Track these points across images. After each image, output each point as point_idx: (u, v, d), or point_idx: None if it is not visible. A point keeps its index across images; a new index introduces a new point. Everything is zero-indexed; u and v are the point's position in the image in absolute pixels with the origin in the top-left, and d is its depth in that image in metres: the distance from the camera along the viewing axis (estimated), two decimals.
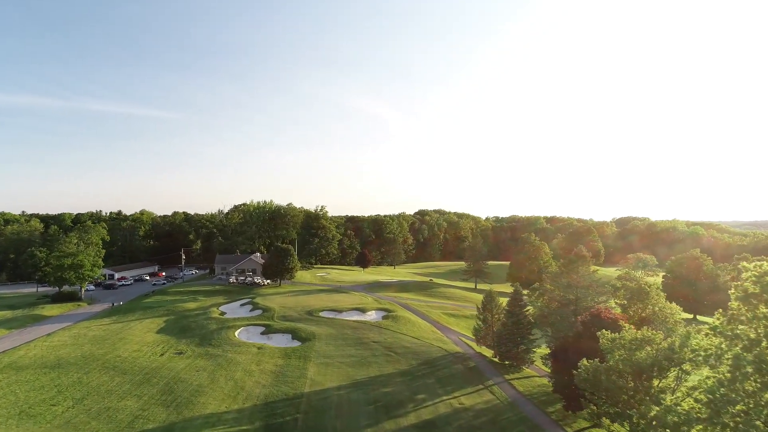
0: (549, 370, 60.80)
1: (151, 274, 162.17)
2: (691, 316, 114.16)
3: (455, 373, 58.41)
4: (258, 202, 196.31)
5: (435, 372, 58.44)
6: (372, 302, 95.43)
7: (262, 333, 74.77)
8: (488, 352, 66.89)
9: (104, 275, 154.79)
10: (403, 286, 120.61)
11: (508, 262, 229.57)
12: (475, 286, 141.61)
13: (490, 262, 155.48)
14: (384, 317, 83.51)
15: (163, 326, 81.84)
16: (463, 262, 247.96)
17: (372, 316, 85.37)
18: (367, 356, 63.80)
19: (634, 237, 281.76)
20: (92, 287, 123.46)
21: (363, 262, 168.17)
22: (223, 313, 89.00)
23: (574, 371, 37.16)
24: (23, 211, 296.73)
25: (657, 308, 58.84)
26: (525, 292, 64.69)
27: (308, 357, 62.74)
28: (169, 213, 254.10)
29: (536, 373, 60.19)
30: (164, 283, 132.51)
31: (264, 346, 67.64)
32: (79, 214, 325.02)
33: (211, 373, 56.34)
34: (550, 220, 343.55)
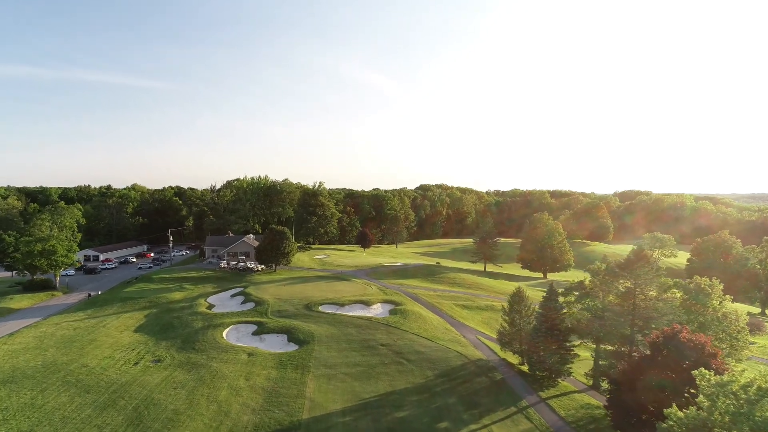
0: (589, 383, 52.19)
1: (139, 255, 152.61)
2: None
3: (480, 388, 49.58)
4: (252, 178, 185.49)
5: (456, 387, 49.58)
6: (377, 293, 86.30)
7: (254, 333, 65.63)
8: (513, 358, 58.06)
9: (88, 256, 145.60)
10: (408, 271, 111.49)
11: (514, 240, 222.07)
12: (484, 268, 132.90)
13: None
14: (391, 312, 74.47)
15: (143, 323, 72.66)
16: (467, 240, 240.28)
17: (378, 310, 76.31)
18: (375, 364, 54.88)
19: (641, 213, 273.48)
20: (71, 272, 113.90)
21: (364, 242, 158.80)
22: (211, 306, 79.80)
23: (658, 424, 27.86)
24: (9, 185, 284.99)
25: (720, 313, 49.61)
26: (560, 289, 55.38)
27: (306, 366, 53.72)
28: (164, 187, 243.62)
29: (574, 387, 51.39)
30: (150, 267, 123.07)
31: (255, 351, 58.51)
32: (66, 188, 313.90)
33: (191, 391, 47.21)
34: (555, 194, 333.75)
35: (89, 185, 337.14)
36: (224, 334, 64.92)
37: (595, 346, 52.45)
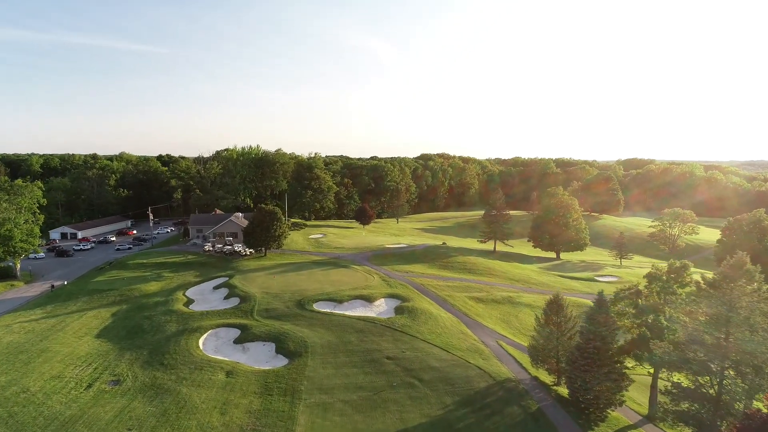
0: (644, 412, 42.47)
1: (121, 233, 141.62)
2: None
3: (513, 424, 39.80)
4: (243, 148, 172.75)
5: (483, 422, 39.78)
6: (379, 284, 76.06)
7: (237, 341, 55.47)
8: (547, 376, 48.27)
9: (65, 234, 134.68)
10: (413, 255, 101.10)
11: (520, 212, 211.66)
12: (494, 248, 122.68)
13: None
14: (397, 310, 64.35)
15: (108, 324, 62.46)
16: (471, 213, 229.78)
17: (381, 308, 66.16)
18: (381, 386, 45.00)
19: (649, 183, 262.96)
20: (41, 255, 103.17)
21: (363, 218, 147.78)
22: (189, 302, 69.52)
23: None
24: None
25: None
26: (608, 292, 44.77)
27: (297, 391, 43.74)
28: (147, 157, 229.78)
29: (628, 420, 41.67)
30: (129, 248, 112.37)
31: (236, 367, 48.41)
32: (48, 156, 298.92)
33: None
34: (559, 163, 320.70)
35: (73, 154, 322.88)
36: (201, 342, 54.75)
37: (653, 369, 42.45)
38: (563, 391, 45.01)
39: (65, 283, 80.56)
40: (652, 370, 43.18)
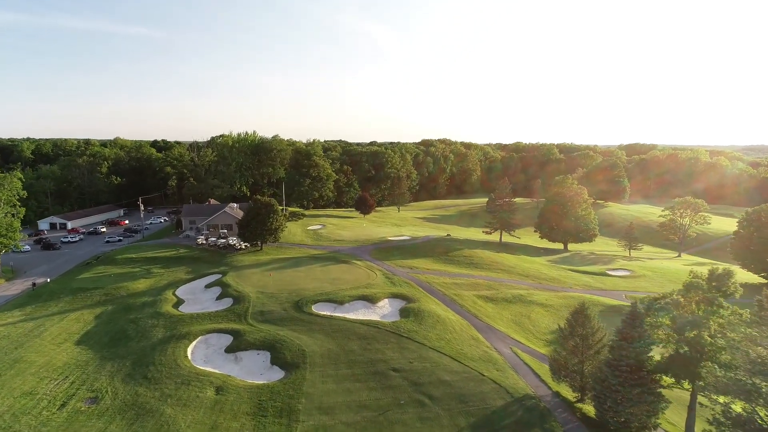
0: None
1: (113, 223, 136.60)
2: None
3: None
4: (239, 134, 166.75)
5: None
6: (383, 282, 71.42)
7: (228, 349, 50.95)
8: (568, 391, 43.85)
9: (54, 224, 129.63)
10: (416, 248, 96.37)
11: (524, 200, 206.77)
12: (500, 240, 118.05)
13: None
14: (402, 312, 59.85)
15: (91, 328, 57.93)
16: (473, 201, 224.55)
17: (385, 309, 61.64)
18: (387, 405, 40.62)
19: (655, 170, 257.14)
20: (27, 248, 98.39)
21: (363, 207, 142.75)
22: (179, 303, 64.93)
23: None
24: None
25: None
26: (640, 297, 40.22)
27: (294, 411, 39.34)
28: (140, 143, 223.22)
29: None
30: (120, 240, 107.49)
31: (226, 382, 43.93)
32: (40, 142, 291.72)
33: None
34: (562, 148, 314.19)
35: (67, 139, 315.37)
36: (189, 350, 50.23)
37: (691, 388, 37.98)
38: (589, 409, 40.67)
39: (48, 280, 75.84)
40: (689, 387, 38.72)
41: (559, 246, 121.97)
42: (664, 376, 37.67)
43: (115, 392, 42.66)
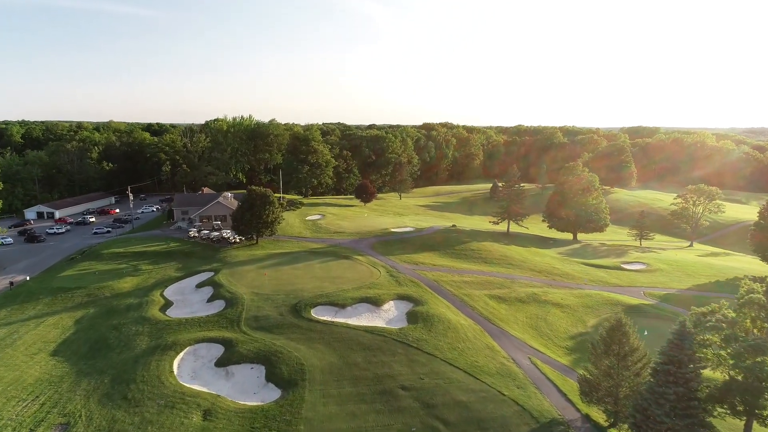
0: None
1: (103, 212, 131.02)
2: None
3: None
4: (234, 118, 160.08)
5: None
6: (387, 281, 66.40)
7: (218, 363, 46.05)
8: (599, 414, 39.12)
9: (41, 214, 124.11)
10: (422, 241, 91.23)
11: (528, 185, 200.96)
12: (507, 230, 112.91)
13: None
14: (409, 317, 54.96)
15: (69, 336, 52.98)
16: (476, 187, 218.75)
17: (391, 313, 56.72)
18: (398, 430, 35.88)
19: (660, 153, 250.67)
20: (8, 240, 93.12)
21: (364, 195, 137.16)
22: (167, 305, 59.92)
23: None
24: None
25: None
26: (691, 308, 35.27)
27: None
28: (132, 128, 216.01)
29: None
30: (108, 231, 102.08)
31: (215, 403, 39.09)
32: (30, 125, 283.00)
33: None
34: (565, 131, 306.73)
35: (58, 122, 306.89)
36: (175, 364, 45.34)
37: (746, 418, 33.22)
38: None
39: (27, 278, 70.69)
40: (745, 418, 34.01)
41: (568, 236, 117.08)
42: (717, 407, 32.86)
43: (90, 417, 37.82)
